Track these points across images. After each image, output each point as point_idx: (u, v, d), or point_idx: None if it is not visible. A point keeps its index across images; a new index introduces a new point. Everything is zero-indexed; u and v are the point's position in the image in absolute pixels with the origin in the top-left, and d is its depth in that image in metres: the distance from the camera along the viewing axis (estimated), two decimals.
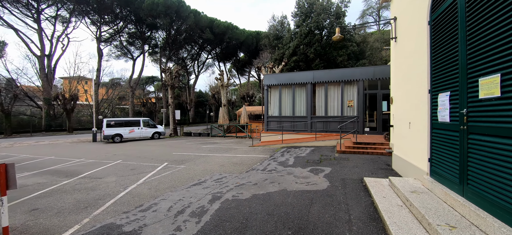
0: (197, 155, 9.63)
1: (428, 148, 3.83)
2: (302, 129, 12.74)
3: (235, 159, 8.35)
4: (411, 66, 4.59)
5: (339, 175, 5.40)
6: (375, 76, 11.39)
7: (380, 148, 8.31)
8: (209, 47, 44.90)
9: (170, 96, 20.51)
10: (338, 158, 7.51)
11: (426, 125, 3.91)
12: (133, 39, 38.04)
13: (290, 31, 24.60)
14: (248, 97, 33.92)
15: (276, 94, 13.60)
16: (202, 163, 7.81)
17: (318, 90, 12.71)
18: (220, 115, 19.87)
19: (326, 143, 10.66)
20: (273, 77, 13.50)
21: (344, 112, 12.07)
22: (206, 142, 15.22)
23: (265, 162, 7.34)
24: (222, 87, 20.82)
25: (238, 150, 10.81)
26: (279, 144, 11.42)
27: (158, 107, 34.99)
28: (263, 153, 9.58)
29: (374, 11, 53.84)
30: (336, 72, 12.36)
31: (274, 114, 13.55)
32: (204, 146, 12.89)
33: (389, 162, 6.71)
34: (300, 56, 22.37)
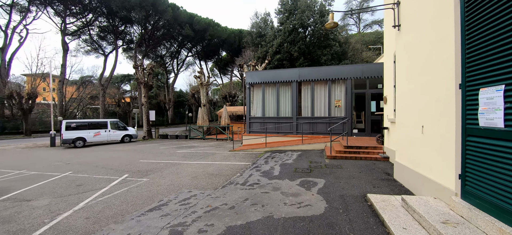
0: (168, 162, 8.24)
1: (457, 161, 2.93)
2: (288, 131, 11.79)
3: (211, 167, 7.12)
4: (426, 57, 3.71)
5: (336, 190, 4.41)
6: (363, 74, 10.73)
7: (374, 152, 7.54)
8: (189, 44, 42.87)
9: (144, 95, 18.64)
10: (330, 165, 6.59)
11: (452, 130, 3.00)
12: (104, 33, 34.98)
13: (274, 28, 23.73)
14: (231, 97, 32.57)
15: (259, 93, 12.52)
16: (171, 174, 6.48)
17: (304, 89, 11.84)
18: (199, 116, 18.40)
19: (313, 146, 9.77)
20: (255, 75, 12.41)
21: (332, 113, 11.30)
22: (182, 145, 13.74)
23: (247, 172, 6.20)
24: (202, 86, 19.35)
25: (217, 155, 9.56)
26: (262, 148, 10.34)
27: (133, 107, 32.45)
28: (244, 159, 8.43)
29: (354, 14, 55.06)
30: (323, 69, 11.56)
31: (257, 115, 12.46)
32: (179, 150, 11.45)
33: (387, 170, 5.88)
34: (284, 55, 21.56)
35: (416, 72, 4.06)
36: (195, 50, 45.40)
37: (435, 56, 3.45)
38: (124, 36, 36.31)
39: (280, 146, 10.12)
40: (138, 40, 36.01)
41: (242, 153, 9.77)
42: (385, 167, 6.20)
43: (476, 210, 2.52)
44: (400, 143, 4.90)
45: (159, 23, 35.02)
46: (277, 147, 10.09)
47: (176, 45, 42.52)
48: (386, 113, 7.44)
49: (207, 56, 47.17)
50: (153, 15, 32.94)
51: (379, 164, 6.53)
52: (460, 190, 2.87)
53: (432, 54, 3.53)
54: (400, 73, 4.88)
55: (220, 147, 12.54)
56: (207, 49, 44.40)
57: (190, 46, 43.29)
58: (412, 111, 4.26)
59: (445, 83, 3.18)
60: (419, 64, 3.96)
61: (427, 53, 3.68)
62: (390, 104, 7.06)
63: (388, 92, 7.28)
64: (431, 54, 3.56)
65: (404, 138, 4.67)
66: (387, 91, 7.33)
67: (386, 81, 7.48)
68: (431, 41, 3.56)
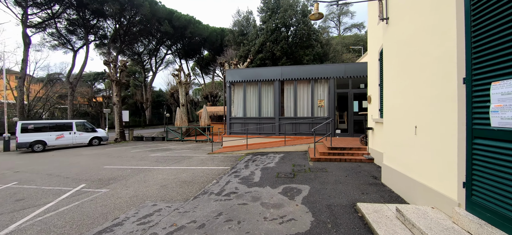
0: (136, 168, 7.34)
1: (461, 167, 2.55)
2: (270, 132, 11.31)
3: (185, 174, 6.38)
4: (421, 50, 3.35)
5: (322, 199, 3.94)
6: (346, 74, 10.55)
7: (358, 153, 7.26)
8: (168, 42, 41.08)
9: (115, 93, 17.19)
10: (314, 168, 6.16)
11: (454, 131, 2.63)
12: (74, 27, 32.18)
13: (256, 27, 23.26)
14: (212, 97, 31.59)
15: (240, 92, 11.91)
16: (136, 183, 5.66)
17: (286, 88, 11.43)
18: (177, 116, 17.35)
19: (296, 148, 9.36)
20: (236, 73, 11.79)
21: (315, 113, 11.00)
22: (157, 148, 12.71)
23: (224, 178, 5.57)
24: (180, 85, 18.30)
25: (193, 159, 8.80)
26: (243, 150, 9.75)
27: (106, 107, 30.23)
28: (223, 162, 7.78)
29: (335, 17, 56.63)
30: (306, 68, 11.24)
31: (238, 115, 11.84)
32: (152, 154, 10.49)
33: (374, 172, 5.56)
34: (266, 54, 21.15)
35: (409, 68, 3.70)
36: (175, 48, 43.69)
37: (432, 49, 3.08)
38: (96, 30, 33.75)
39: (262, 148, 9.59)
40: (112, 36, 33.71)
41: (221, 156, 9.09)
42: (371, 169, 5.89)
43: (488, 226, 2.13)
44: (388, 145, 4.57)
45: (135, 18, 33.04)
46: (258, 149, 9.55)
47: (154, 42, 40.54)
48: (370, 113, 7.21)
49: (188, 54, 45.61)
50: (128, 9, 31.00)
51: (365, 166, 6.22)
52: (465, 201, 2.49)
53: (428, 47, 3.17)
54: (388, 70, 4.54)
55: (198, 150, 11.74)
56: (188, 48, 42.91)
57: (170, 43, 41.53)
58: (403, 110, 3.90)
59: (445, 79, 2.81)
60: (412, 59, 3.60)
61: (422, 46, 3.32)
62: (374, 104, 6.82)
63: (372, 91, 7.04)
64: (427, 46, 3.20)
65: (393, 140, 4.33)
66: (371, 90, 7.10)
67: (370, 80, 7.25)
68: (427, 32, 3.20)
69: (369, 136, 7.14)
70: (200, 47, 44.56)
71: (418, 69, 3.40)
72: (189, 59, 47.98)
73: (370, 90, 7.21)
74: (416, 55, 3.46)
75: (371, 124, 7.08)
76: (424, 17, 3.26)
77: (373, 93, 6.90)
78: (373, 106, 6.97)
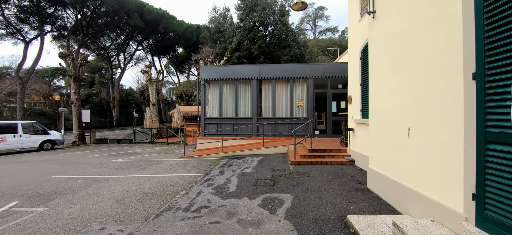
0: (91, 178, 6.25)
1: (469, 176, 2.21)
2: (247, 133, 10.73)
3: (149, 183, 5.51)
4: (417, 44, 3.01)
5: (308, 211, 3.46)
6: (324, 74, 10.40)
7: (339, 155, 7.00)
8: (139, 36, 38.40)
9: (74, 90, 15.25)
10: (295, 173, 5.71)
11: (459, 134, 2.28)
12: (26, 15, 28.40)
13: (233, 24, 22.55)
14: (187, 96, 30.13)
15: (215, 90, 11.16)
16: (85, 197, 4.68)
17: (265, 88, 10.96)
18: (146, 116, 15.95)
19: (275, 150, 8.91)
20: (212, 70, 11.01)
21: (294, 113, 10.68)
22: (122, 152, 11.40)
23: (195, 188, 4.85)
24: (150, 82, 16.88)
25: (162, 164, 7.87)
26: (219, 153, 9.03)
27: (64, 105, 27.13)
28: (195, 168, 7.01)
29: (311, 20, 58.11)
30: (285, 67, 10.88)
31: (214, 115, 11.08)
32: (115, 159, 9.27)
33: (357, 176, 5.27)
34: (244, 52, 20.57)
35: (401, 65, 3.38)
36: (147, 44, 41.05)
37: (430, 42, 2.75)
38: (54, 20, 30.18)
39: (239, 151, 8.97)
40: (73, 27, 30.46)
41: (194, 161, 8.28)
42: (354, 173, 5.61)
43: None
44: (374, 148, 4.25)
45: (100, 9, 30.26)
46: (235, 152, 8.91)
47: (123, 36, 37.58)
48: (350, 113, 7.00)
49: (161, 51, 43.16)
50: None
51: (347, 169, 5.94)
52: (475, 215, 2.15)
53: (425, 40, 2.84)
54: (375, 68, 4.22)
55: (169, 153, 10.72)
56: (161, 44, 40.55)
57: (141, 38, 38.86)
58: (394, 111, 3.58)
59: (447, 74, 2.48)
60: (404, 55, 3.28)
61: (417, 39, 2.99)
62: (355, 104, 6.60)
63: (353, 91, 6.83)
64: (424, 39, 2.87)
65: (380, 142, 4.01)
66: (352, 90, 6.89)
67: (350, 80, 7.04)
68: (424, 22, 2.86)
69: (350, 137, 6.92)
70: (174, 44, 42.45)
71: (413, 65, 3.07)
72: (162, 56, 45.46)
73: (351, 90, 7.00)
74: (410, 50, 3.14)
75: (351, 125, 6.87)
76: (419, 5, 2.94)
77: (354, 93, 6.69)
78: (353, 106, 6.76)
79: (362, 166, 6.03)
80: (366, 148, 5.86)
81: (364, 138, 5.99)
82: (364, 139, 5.99)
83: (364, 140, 5.99)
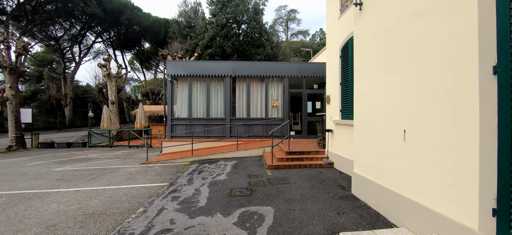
0: (18, 194, 4.93)
1: (487, 188, 1.86)
2: (220, 134, 9.96)
3: (97, 199, 4.47)
4: (416, 34, 2.67)
5: (293, 229, 2.92)
6: (300, 73, 10.14)
7: (317, 158, 6.69)
8: (98, 27, 34.69)
9: (9, 85, 12.73)
10: (274, 179, 5.18)
11: (474, 139, 1.93)
12: None
13: (205, 20, 21.43)
14: (154, 95, 27.95)
15: (184, 88, 10.16)
16: (2, 223, 3.52)
17: (239, 86, 10.31)
18: (104, 116, 14.10)
19: (250, 152, 8.32)
20: (180, 65, 9.99)
21: (269, 113, 10.23)
22: (71, 158, 9.72)
23: (156, 203, 4.01)
24: (109, 78, 14.99)
25: (119, 173, 6.72)
26: (188, 157, 8.12)
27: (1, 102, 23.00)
28: (159, 176, 6.06)
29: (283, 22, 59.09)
30: (260, 65, 10.37)
31: (182, 116, 10.07)
32: (59, 167, 7.75)
33: (339, 180, 4.94)
34: (216, 49, 19.64)
35: (395, 60, 3.03)
36: (108, 36, 37.32)
37: (434, 33, 2.40)
38: None
39: (211, 154, 8.18)
40: (13, 11, 26.08)
41: (159, 167, 7.27)
42: (335, 176, 5.29)
43: None
44: (361, 151, 3.91)
45: None
46: (207, 156, 8.10)
47: (78, 26, 33.53)
48: (329, 114, 6.74)
49: (124, 45, 39.62)
50: None
51: (327, 173, 5.61)
52: (496, 232, 1.81)
53: (427, 31, 2.49)
54: (362, 65, 3.88)
55: (129, 158, 9.43)
56: (124, 37, 37.17)
57: (100, 30, 35.16)
58: (385, 111, 3.24)
59: (456, 70, 2.13)
60: (400, 49, 2.93)
61: (417, 31, 2.64)
62: (334, 104, 6.34)
63: (331, 91, 6.57)
64: (425, 31, 2.52)
65: (368, 145, 3.67)
66: (331, 90, 6.63)
67: (329, 79, 6.78)
68: (424, 12, 2.51)
69: (328, 138, 6.65)
70: (140, 38, 39.30)
71: (411, 60, 2.73)
72: (126, 51, 41.78)
73: (329, 90, 6.74)
74: (407, 44, 2.80)
75: (330, 126, 6.61)
76: None
77: (333, 93, 6.42)
78: (332, 107, 6.50)
79: (342, 169, 5.76)
80: (346, 150, 5.60)
81: (344, 139, 5.73)
82: (344, 141, 5.73)
83: (344, 142, 5.73)
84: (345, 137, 5.66)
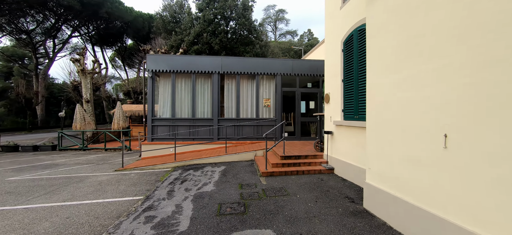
0: None
1: None
2: (207, 136, 9.11)
3: (48, 222, 3.53)
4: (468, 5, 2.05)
5: None
6: (293, 71, 9.52)
7: (315, 162, 6.06)
8: (75, 21, 32.36)
9: None
10: (270, 189, 4.47)
11: None
12: None
13: (191, 14, 20.34)
14: (136, 94, 26.35)
15: (167, 85, 9.21)
16: None
17: (227, 84, 9.52)
18: (76, 116, 12.73)
19: (241, 156, 7.55)
20: (162, 60, 9.03)
21: (260, 114, 9.52)
22: (33, 164, 8.46)
23: (124, 226, 3.15)
24: (83, 74, 13.60)
25: (86, 182, 5.72)
26: (170, 162, 7.22)
27: None
28: (134, 187, 5.15)
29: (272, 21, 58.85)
30: (251, 61, 9.63)
31: (165, 116, 9.11)
32: (14, 176, 6.57)
33: (344, 190, 4.31)
34: (203, 46, 18.65)
35: (428, 43, 2.41)
36: (86, 31, 35.00)
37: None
38: None
39: (197, 159, 7.33)
40: None
41: (135, 174, 6.32)
42: (338, 185, 4.66)
43: None
44: (376, 158, 3.29)
45: None
46: (192, 161, 7.24)
47: (53, 19, 31.07)
48: (328, 114, 6.13)
49: (105, 41, 37.39)
50: None
51: (328, 180, 4.98)
52: None
53: None
54: (378, 55, 3.26)
55: (103, 164, 8.35)
56: (105, 33, 35.01)
57: (77, 24, 32.85)
58: (411, 108, 2.61)
59: None
60: (440, 28, 2.31)
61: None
62: (335, 104, 5.74)
63: (331, 88, 5.97)
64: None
65: (388, 151, 3.04)
66: (331, 88, 6.02)
67: (328, 75, 6.17)
68: None
69: (327, 141, 6.04)
70: (121, 34, 37.21)
71: (460, 39, 2.11)
72: (107, 47, 39.45)
73: (329, 88, 6.13)
74: (457, 17, 2.18)
75: (329, 127, 6.00)
76: None
77: (333, 91, 5.82)
78: (332, 106, 5.90)
79: (345, 176, 5.16)
80: (350, 154, 5.00)
81: (347, 143, 5.13)
82: (347, 144, 5.13)
83: (347, 146, 5.12)
84: (348, 140, 5.06)
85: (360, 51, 4.59)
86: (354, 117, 4.81)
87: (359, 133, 4.60)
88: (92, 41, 36.67)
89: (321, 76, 9.57)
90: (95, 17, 31.33)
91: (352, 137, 4.88)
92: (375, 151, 3.32)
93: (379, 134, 3.24)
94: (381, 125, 3.20)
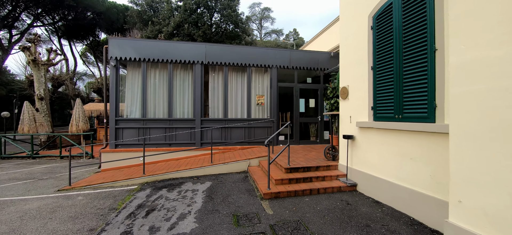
0: None
1: None
2: (187, 141, 7.40)
3: None
4: None
5: None
6: (291, 63, 8.12)
7: (330, 176, 4.64)
8: (38, 10, 28.66)
9: None
10: (280, 225, 2.96)
11: None
12: None
13: (171, 3, 18.30)
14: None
15: (136, 77, 7.38)
16: None
17: (213, 77, 7.89)
18: (24, 116, 10.34)
19: (230, 167, 5.96)
20: (129, 45, 7.18)
21: (253, 113, 8.00)
22: None
23: None
24: (35, 65, 11.17)
25: (4, 214, 3.83)
26: (137, 176, 5.45)
27: None
28: (73, 224, 3.40)
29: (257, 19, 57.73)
30: (241, 49, 8.08)
31: (133, 116, 7.27)
32: None
33: (391, 224, 2.92)
34: (184, 38, 16.74)
35: None
36: (52, 21, 31.21)
37: None
38: None
39: (173, 171, 5.63)
40: None
41: (84, 198, 4.49)
42: (375, 213, 3.27)
43: None
44: (473, 185, 1.91)
45: None
46: (166, 174, 5.53)
47: (10, 6, 27.21)
48: (346, 113, 4.76)
49: (74, 34, 33.68)
50: None
51: (357, 205, 3.58)
52: None
53: None
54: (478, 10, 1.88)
55: (47, 179, 6.33)
56: (74, 24, 31.44)
57: (40, 12, 29.11)
58: None
59: None
60: None
61: None
62: (358, 99, 4.38)
63: (350, 80, 4.61)
64: None
65: (504, 177, 1.67)
66: (349, 79, 4.66)
67: (346, 64, 4.81)
68: None
69: (346, 148, 4.66)
70: (94, 27, 33.72)
71: None
72: (77, 41, 35.64)
73: (346, 80, 4.77)
74: None
75: (348, 130, 4.63)
76: None
77: (356, 83, 4.46)
78: (353, 103, 4.54)
79: (377, 196, 3.80)
80: (385, 168, 3.64)
81: (380, 151, 3.77)
82: (380, 154, 3.77)
83: (380, 155, 3.76)
84: (383, 148, 3.70)
85: (406, 24, 3.25)
86: (394, 117, 3.46)
87: (405, 139, 3.26)
88: (58, 33, 32.86)
89: (322, 70, 8.26)
90: (61, 6, 27.92)
91: (391, 145, 3.52)
92: (474, 175, 1.94)
93: (485, 147, 1.86)
94: (491, 131, 1.82)
